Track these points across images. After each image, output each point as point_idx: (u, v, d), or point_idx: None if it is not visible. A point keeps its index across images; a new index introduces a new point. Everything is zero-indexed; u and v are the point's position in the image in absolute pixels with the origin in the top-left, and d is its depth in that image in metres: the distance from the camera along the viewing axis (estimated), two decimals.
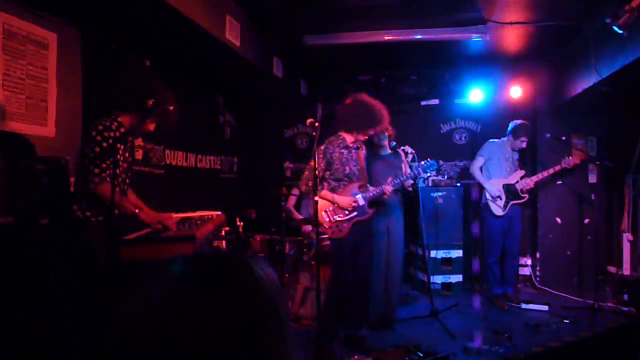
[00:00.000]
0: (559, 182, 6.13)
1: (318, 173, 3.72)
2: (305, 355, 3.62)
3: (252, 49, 4.81)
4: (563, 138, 5.64)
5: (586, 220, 6.06)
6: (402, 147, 4.46)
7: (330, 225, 3.88)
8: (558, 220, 6.18)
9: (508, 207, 5.21)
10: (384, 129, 4.30)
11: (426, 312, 4.58)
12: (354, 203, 3.87)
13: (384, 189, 3.98)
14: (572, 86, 5.32)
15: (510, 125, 5.35)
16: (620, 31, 3.67)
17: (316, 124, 3.52)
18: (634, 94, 5.00)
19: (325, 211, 3.88)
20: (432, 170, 4.27)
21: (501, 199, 5.22)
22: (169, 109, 3.09)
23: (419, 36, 5.03)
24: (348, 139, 3.99)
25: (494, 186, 5.24)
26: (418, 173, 4.21)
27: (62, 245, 2.93)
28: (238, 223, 5.14)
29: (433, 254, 5.79)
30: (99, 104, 3.83)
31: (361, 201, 3.92)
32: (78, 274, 2.95)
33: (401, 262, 4.57)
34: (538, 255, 6.23)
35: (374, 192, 3.97)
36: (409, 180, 4.26)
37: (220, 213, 4.16)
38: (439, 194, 5.98)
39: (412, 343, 3.83)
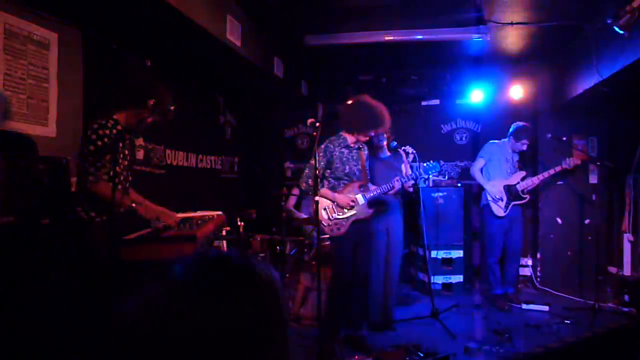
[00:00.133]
0: (560, 183, 6.12)
1: (318, 172, 3.73)
2: (306, 355, 3.62)
3: (253, 49, 4.81)
4: (564, 138, 5.64)
5: (587, 221, 6.06)
6: (403, 148, 4.45)
7: (329, 224, 3.89)
8: (559, 220, 6.18)
9: (509, 208, 5.21)
10: (384, 131, 4.31)
11: (427, 313, 4.58)
12: (352, 202, 3.89)
13: (393, 185, 3.98)
14: (573, 87, 5.32)
15: (512, 127, 5.34)
16: (621, 32, 3.67)
17: (317, 124, 3.52)
18: (635, 94, 5.00)
19: (324, 209, 3.90)
20: (435, 172, 4.26)
21: (502, 200, 5.21)
22: (169, 108, 3.09)
23: (419, 36, 5.03)
24: (349, 139, 3.99)
25: (495, 188, 5.23)
26: (419, 174, 4.21)
27: (64, 245, 2.93)
28: (239, 223, 5.14)
29: (434, 254, 5.79)
30: (99, 104, 3.83)
31: (360, 200, 3.93)
32: (81, 274, 2.95)
33: (400, 262, 4.58)
34: (539, 256, 6.22)
35: (377, 191, 3.97)
36: (409, 181, 4.26)
37: (220, 213, 4.15)
38: (440, 194, 5.98)
39: (413, 343, 3.84)
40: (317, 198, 3.53)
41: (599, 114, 6.01)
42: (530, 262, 6.28)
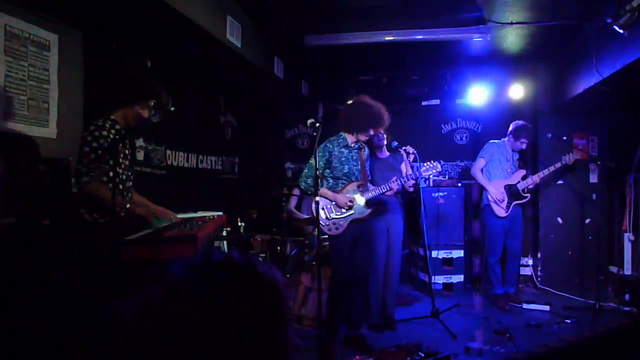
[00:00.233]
0: (560, 182, 6.12)
1: (318, 172, 3.75)
2: (307, 355, 3.62)
3: (253, 50, 4.82)
4: (564, 138, 5.64)
5: (587, 220, 6.06)
6: (404, 148, 4.45)
7: (327, 223, 3.92)
8: (559, 220, 6.18)
9: (511, 208, 5.21)
10: (383, 130, 4.33)
11: (427, 312, 4.58)
12: (350, 202, 3.90)
13: (391, 186, 3.99)
14: (573, 86, 5.32)
15: (511, 126, 5.35)
16: (621, 31, 3.67)
17: (317, 124, 3.53)
18: (635, 93, 5.00)
19: (322, 209, 3.92)
20: (435, 172, 4.25)
21: (504, 200, 5.21)
22: (169, 108, 3.10)
23: (419, 36, 5.03)
24: (349, 138, 4.03)
25: (496, 189, 5.23)
26: (419, 174, 4.21)
27: (65, 246, 2.93)
28: (239, 223, 5.15)
29: (434, 254, 5.79)
30: (100, 104, 3.83)
31: (359, 200, 3.95)
32: (82, 275, 2.95)
33: (400, 262, 4.58)
34: (539, 255, 6.22)
35: (375, 191, 3.98)
36: (410, 181, 4.26)
37: (221, 213, 4.16)
38: (440, 194, 5.99)
39: (414, 343, 3.84)
40: (318, 198, 3.54)
41: (599, 113, 6.00)
42: (530, 262, 6.28)
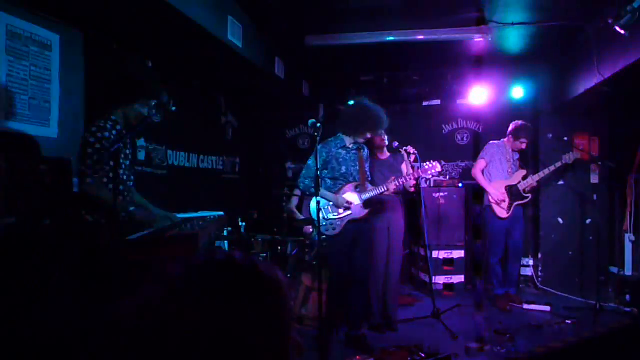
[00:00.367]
0: (561, 183, 6.12)
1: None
2: (307, 355, 3.62)
3: (254, 50, 4.82)
4: (565, 139, 5.64)
5: (588, 221, 6.05)
6: (405, 148, 4.44)
7: (324, 224, 3.95)
8: (560, 220, 6.17)
9: (512, 209, 5.21)
10: (381, 133, 4.37)
11: (428, 313, 4.58)
12: (346, 203, 3.93)
13: (388, 187, 4.00)
14: (574, 87, 5.31)
15: (511, 126, 5.35)
16: (622, 32, 3.67)
17: (318, 124, 3.54)
18: (636, 94, 4.99)
19: (320, 209, 3.94)
20: (434, 172, 4.25)
21: (505, 201, 5.21)
22: (170, 108, 3.10)
23: (420, 37, 5.03)
24: (347, 140, 4.07)
25: (497, 190, 5.23)
26: (418, 175, 4.22)
27: (66, 246, 2.94)
28: (240, 223, 5.15)
29: (435, 255, 5.79)
30: (101, 104, 3.84)
31: (356, 201, 3.97)
32: (83, 275, 2.95)
33: (401, 262, 4.58)
34: (540, 256, 6.22)
35: (373, 192, 4.00)
36: (410, 181, 4.27)
37: (222, 213, 4.16)
38: (441, 194, 5.98)
39: (414, 343, 3.84)
40: (318, 199, 3.55)
41: (600, 114, 6.00)
42: (531, 262, 6.28)
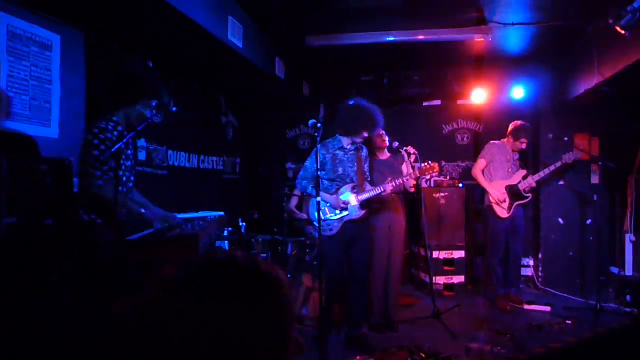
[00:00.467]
0: (562, 183, 6.12)
1: (314, 173, 3.81)
2: (307, 355, 3.62)
3: (255, 50, 4.82)
4: (565, 139, 5.64)
5: (588, 221, 6.05)
6: (405, 148, 4.44)
7: (322, 224, 3.96)
8: (560, 221, 6.17)
9: (513, 209, 5.21)
10: (379, 133, 4.38)
11: (428, 313, 4.57)
12: (343, 205, 3.95)
13: (385, 188, 4.00)
14: (575, 87, 5.31)
15: (511, 126, 5.35)
16: (622, 32, 3.67)
17: (318, 124, 3.54)
18: (637, 94, 5.00)
19: (317, 210, 3.96)
20: (432, 173, 4.26)
21: (506, 202, 5.21)
22: (170, 108, 3.10)
23: (421, 37, 5.03)
24: (344, 141, 4.09)
25: (498, 190, 5.23)
26: (415, 176, 4.22)
27: (67, 246, 2.94)
28: (241, 224, 5.15)
29: (435, 255, 5.78)
30: (102, 105, 3.84)
31: (353, 202, 3.98)
32: (83, 275, 2.96)
33: (402, 263, 4.58)
34: (540, 256, 6.22)
35: (371, 193, 4.01)
36: (410, 181, 4.27)
37: (223, 214, 4.16)
38: (442, 194, 5.98)
39: (415, 344, 3.84)
40: (319, 199, 3.55)
41: (601, 114, 6.00)
42: (532, 263, 6.27)
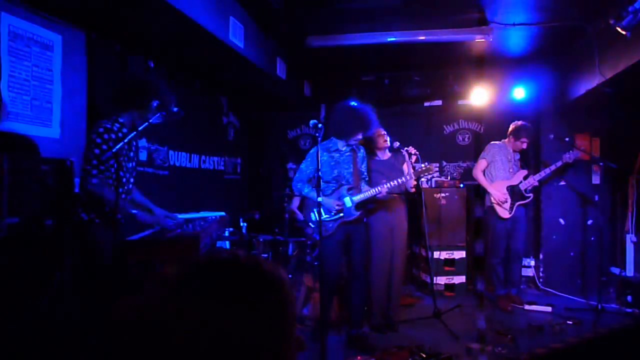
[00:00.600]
0: (562, 183, 6.11)
1: (315, 175, 3.89)
2: (307, 355, 3.63)
3: (256, 51, 4.82)
4: (566, 139, 5.64)
5: (589, 222, 6.05)
6: (406, 148, 4.44)
7: (317, 225, 3.97)
8: (561, 221, 6.17)
9: (514, 209, 5.21)
10: (374, 134, 4.39)
11: (429, 313, 4.58)
12: (337, 206, 3.97)
13: (380, 189, 4.01)
14: (576, 87, 5.31)
15: (511, 126, 5.35)
16: (623, 32, 3.67)
17: (319, 125, 3.54)
18: (638, 94, 4.99)
19: (313, 210, 4.05)
20: (431, 174, 4.25)
21: (507, 202, 5.21)
22: (170, 104, 3.09)
23: (422, 37, 5.03)
24: (339, 143, 4.10)
25: (499, 191, 5.23)
26: (410, 177, 4.21)
27: (68, 246, 2.94)
28: (242, 224, 5.16)
29: (436, 255, 5.78)
30: (103, 105, 3.85)
31: (348, 203, 4.00)
32: (83, 275, 2.96)
33: (403, 263, 4.59)
34: (541, 257, 6.21)
35: (366, 194, 4.02)
36: (410, 182, 4.27)
37: (224, 214, 4.17)
38: (442, 194, 5.98)
39: (416, 344, 3.85)
40: (320, 199, 3.55)
41: (602, 114, 6.00)
42: (532, 263, 6.27)
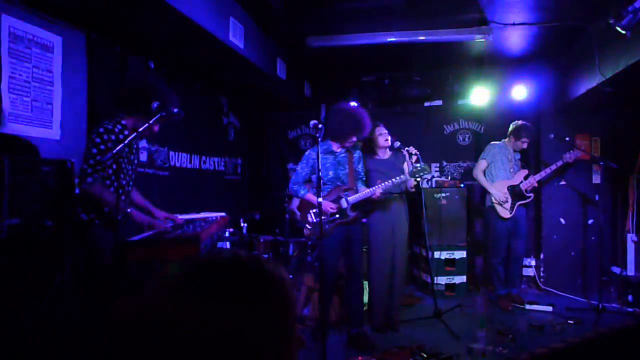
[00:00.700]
0: (563, 183, 6.11)
1: (311, 177, 4.00)
2: (308, 355, 3.63)
3: (256, 51, 4.82)
4: (567, 139, 5.65)
5: (590, 221, 6.05)
6: (406, 148, 4.44)
7: (314, 226, 4.03)
8: (562, 221, 6.17)
9: (515, 209, 5.21)
10: (381, 132, 4.42)
11: (430, 313, 4.58)
12: (331, 209, 3.99)
13: (374, 191, 4.02)
14: (576, 87, 5.31)
15: (511, 126, 5.35)
16: (623, 32, 3.67)
17: (320, 125, 3.54)
18: (638, 94, 4.99)
19: (310, 212, 4.09)
20: (427, 174, 4.26)
21: (508, 202, 5.21)
22: (173, 111, 3.09)
23: (422, 37, 5.03)
24: (333, 145, 4.12)
25: (499, 191, 5.23)
26: (407, 177, 4.22)
27: (68, 246, 2.95)
28: (242, 224, 5.15)
29: (436, 255, 5.78)
30: (104, 106, 3.85)
31: (343, 204, 4.03)
32: (83, 275, 2.96)
33: (405, 263, 4.59)
34: (542, 256, 6.21)
35: (361, 196, 4.02)
36: (410, 181, 4.27)
37: (224, 214, 4.17)
38: (443, 194, 5.98)
39: (417, 344, 3.85)
40: (320, 200, 3.55)
41: (602, 114, 5.99)
42: (533, 263, 6.26)
